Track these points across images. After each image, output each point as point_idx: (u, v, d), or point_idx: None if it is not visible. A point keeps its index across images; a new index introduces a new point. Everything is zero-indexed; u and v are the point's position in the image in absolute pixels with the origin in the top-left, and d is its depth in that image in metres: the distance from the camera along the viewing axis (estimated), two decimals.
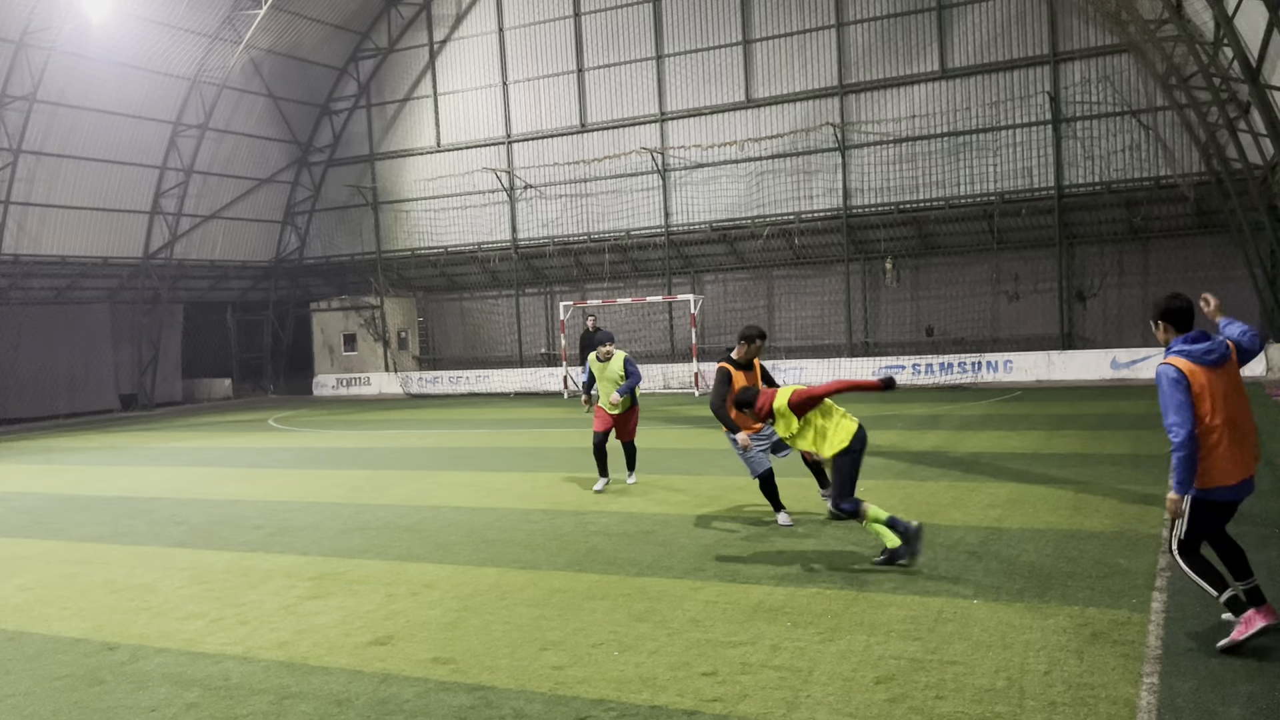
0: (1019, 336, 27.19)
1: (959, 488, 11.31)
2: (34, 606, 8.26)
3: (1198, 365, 5.78)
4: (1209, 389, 5.75)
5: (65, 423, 29.55)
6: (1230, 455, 5.77)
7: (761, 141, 29.14)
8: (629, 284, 32.13)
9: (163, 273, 32.48)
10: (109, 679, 6.38)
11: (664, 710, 5.39)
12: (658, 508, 11.03)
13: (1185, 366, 5.78)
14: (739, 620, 6.84)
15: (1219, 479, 5.80)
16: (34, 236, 28.64)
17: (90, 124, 28.93)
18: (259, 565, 9.31)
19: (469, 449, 17.80)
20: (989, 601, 6.96)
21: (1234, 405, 5.79)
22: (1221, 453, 5.77)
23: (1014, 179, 26.65)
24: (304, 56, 33.66)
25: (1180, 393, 5.73)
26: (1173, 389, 5.74)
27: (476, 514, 11.26)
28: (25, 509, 13.44)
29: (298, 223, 36.64)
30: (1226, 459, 5.77)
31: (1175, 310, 5.92)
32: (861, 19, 27.94)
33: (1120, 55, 25.26)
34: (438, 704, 5.65)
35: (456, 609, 7.48)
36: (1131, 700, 5.18)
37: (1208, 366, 5.78)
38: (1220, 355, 5.82)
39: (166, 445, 21.23)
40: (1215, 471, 5.79)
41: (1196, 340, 5.84)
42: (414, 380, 33.76)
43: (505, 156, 33.02)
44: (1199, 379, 5.76)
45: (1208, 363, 5.78)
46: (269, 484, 14.56)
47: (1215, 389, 5.76)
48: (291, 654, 6.65)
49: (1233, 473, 5.80)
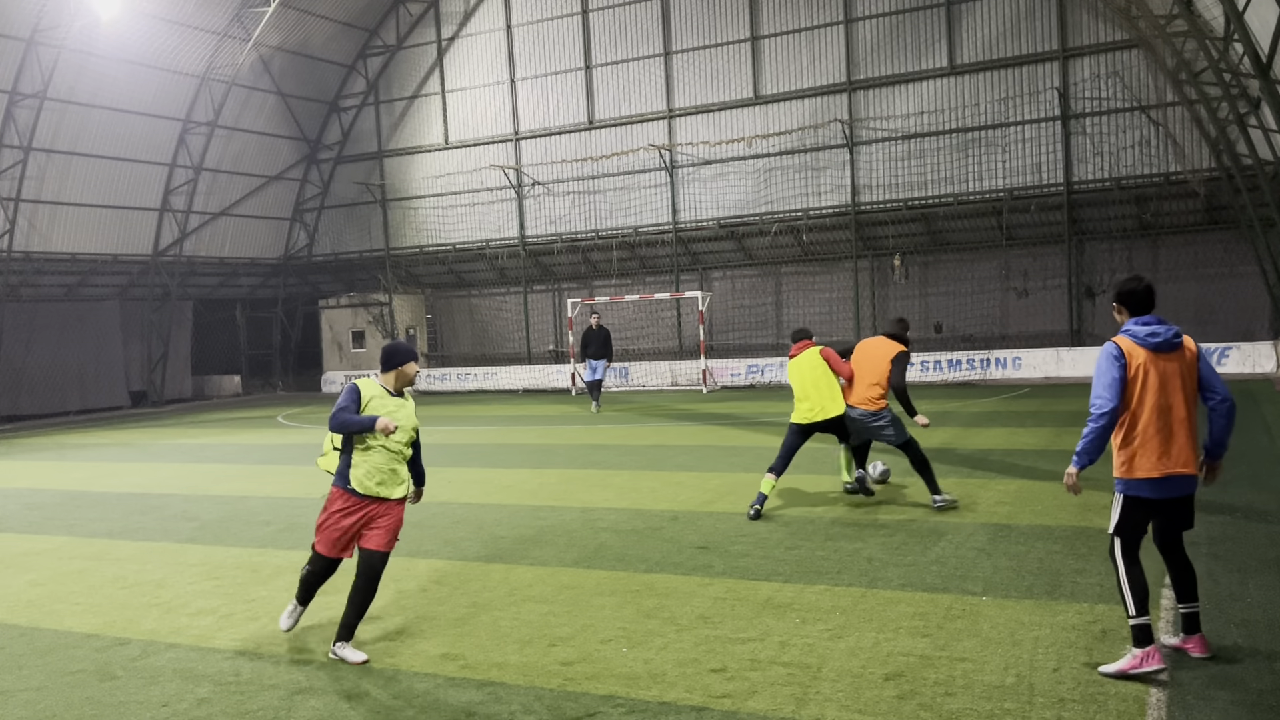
0: (1028, 333, 27.12)
1: (968, 484, 11.30)
2: (46, 602, 8.30)
3: (1140, 347, 5.64)
4: (1145, 373, 5.61)
5: (76, 419, 29.68)
6: (1155, 447, 5.57)
7: (769, 138, 29.10)
8: (637, 281, 32.14)
9: (172, 270, 32.59)
10: (121, 674, 6.41)
11: (673, 706, 5.40)
12: (666, 504, 11.04)
13: (1126, 346, 5.67)
14: (748, 616, 6.84)
15: (1141, 470, 5.60)
16: (44, 234, 28.76)
17: (100, 121, 29.03)
18: (269, 561, 9.34)
19: (477, 445, 17.82)
20: (998, 598, 6.95)
21: (1170, 396, 5.59)
22: (1145, 442, 5.59)
23: (1023, 175, 26.58)
24: (312, 54, 33.72)
25: (1115, 370, 5.62)
26: (1108, 365, 5.64)
27: (485, 510, 11.28)
28: (37, 505, 13.51)
29: (306, 220, 36.72)
30: (1151, 450, 5.57)
31: (1129, 293, 5.78)
32: (870, 15, 27.88)
33: (1130, 51, 25.17)
34: (447, 700, 5.67)
35: (465, 605, 7.50)
36: (1141, 697, 5.17)
37: (1150, 350, 5.63)
38: (1164, 341, 5.63)
39: (176, 442, 21.31)
40: (1138, 461, 5.61)
41: (1146, 323, 5.69)
42: (422, 377, 33.82)
43: (513, 154, 33.04)
44: (1137, 360, 5.63)
45: (1150, 345, 5.63)
46: (278, 480, 14.61)
47: (1152, 374, 5.60)
48: (302, 650, 6.67)
49: (1156, 466, 5.56)
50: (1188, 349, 5.72)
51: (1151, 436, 5.58)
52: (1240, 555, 7.72)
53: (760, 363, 28.21)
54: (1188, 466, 5.62)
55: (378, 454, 6.46)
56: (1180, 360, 5.68)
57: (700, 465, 13.64)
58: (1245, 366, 23.14)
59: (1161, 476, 5.58)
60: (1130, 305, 5.81)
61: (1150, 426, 5.58)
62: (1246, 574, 7.21)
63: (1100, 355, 5.71)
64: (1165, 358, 5.65)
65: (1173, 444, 5.59)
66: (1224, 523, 8.83)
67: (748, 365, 28.39)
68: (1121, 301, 5.84)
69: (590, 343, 22.87)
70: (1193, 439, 5.67)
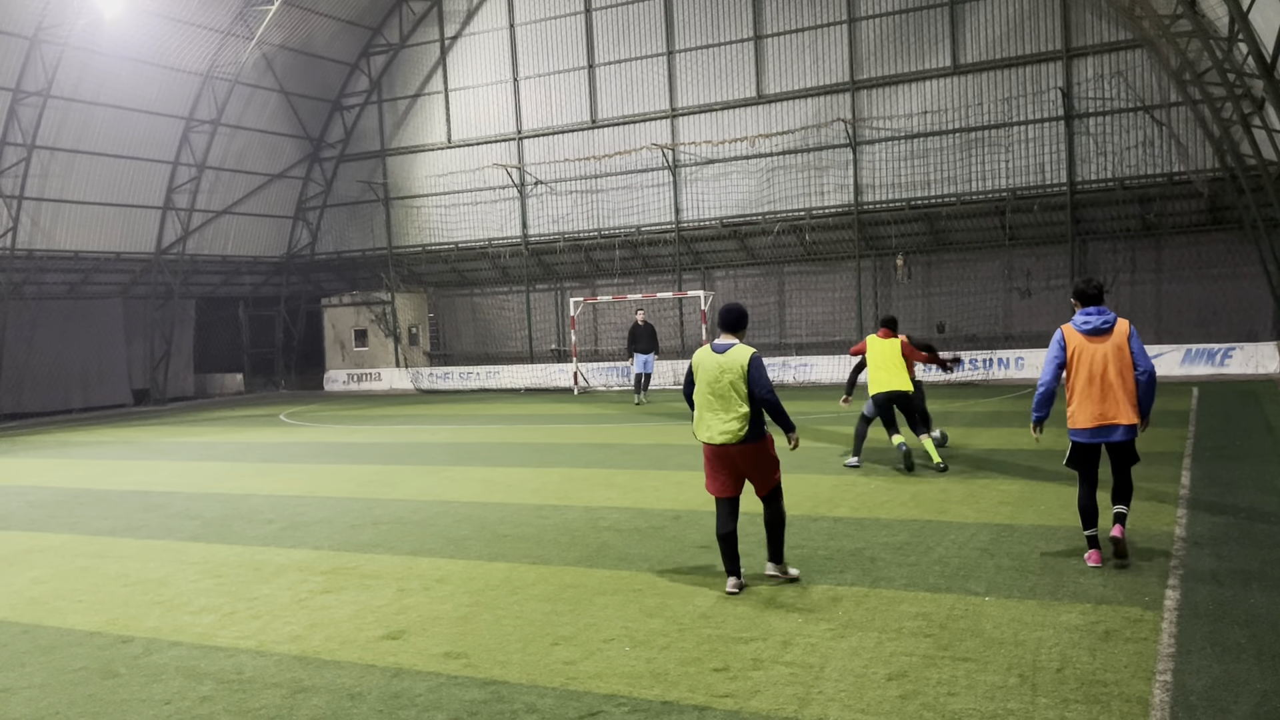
0: (1031, 333, 27.08)
1: (971, 484, 11.29)
2: (49, 600, 8.31)
3: (1077, 332, 7.49)
4: (1080, 352, 7.45)
5: (79, 417, 29.71)
6: (1088, 406, 7.44)
7: (773, 137, 29.08)
8: (639, 280, 32.12)
9: (175, 268, 32.61)
10: (123, 672, 6.42)
11: (675, 706, 5.39)
12: (669, 503, 11.04)
13: (1067, 331, 7.54)
14: (750, 616, 6.84)
15: (1079, 422, 7.51)
16: (48, 232, 28.79)
17: (103, 119, 29.05)
18: (271, 559, 9.35)
19: (480, 444, 17.83)
20: (1001, 598, 6.95)
21: (1100, 368, 7.38)
22: (1081, 402, 7.48)
23: (1026, 175, 26.55)
24: (316, 52, 33.73)
25: (1055, 350, 7.59)
26: (1053, 346, 7.61)
27: (488, 509, 11.28)
28: (39, 503, 13.52)
29: (309, 218, 36.74)
30: (1085, 407, 7.46)
31: (1080, 291, 7.61)
32: (873, 14, 27.85)
33: (1134, 50, 25.13)
34: (450, 698, 5.67)
35: (468, 604, 7.50)
36: (1145, 698, 5.16)
37: (1085, 334, 7.47)
38: (1096, 328, 7.44)
39: (179, 440, 21.33)
40: (1077, 415, 7.52)
41: (1086, 314, 7.49)
42: (425, 376, 33.84)
43: (516, 152, 33.04)
44: (1075, 342, 7.49)
45: (1085, 331, 7.47)
46: (281, 478, 14.61)
47: (1086, 353, 7.43)
48: (304, 648, 6.68)
49: (1090, 418, 7.44)
50: (1119, 332, 7.43)
51: (1086, 398, 7.45)
52: (1244, 556, 7.71)
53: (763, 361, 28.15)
54: (1116, 419, 7.41)
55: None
56: (1110, 341, 7.42)
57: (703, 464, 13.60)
58: (1249, 367, 23.09)
59: (1093, 426, 7.48)
60: (1082, 300, 7.59)
61: (1084, 390, 7.45)
62: (1250, 575, 7.20)
63: (1051, 339, 7.61)
64: (1096, 340, 7.46)
65: (1105, 402, 7.40)
66: (1228, 524, 8.82)
67: None
68: (1076, 297, 7.64)
69: (639, 338, 24.33)
70: (1125, 399, 7.40)
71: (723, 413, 7.36)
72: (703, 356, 7.50)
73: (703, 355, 7.51)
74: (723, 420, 7.35)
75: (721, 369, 7.34)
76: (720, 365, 7.35)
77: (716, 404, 7.37)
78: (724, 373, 7.33)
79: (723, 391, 7.34)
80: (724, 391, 7.33)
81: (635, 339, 24.46)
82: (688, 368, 7.62)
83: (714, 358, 7.41)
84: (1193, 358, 23.69)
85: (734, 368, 7.30)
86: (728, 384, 7.31)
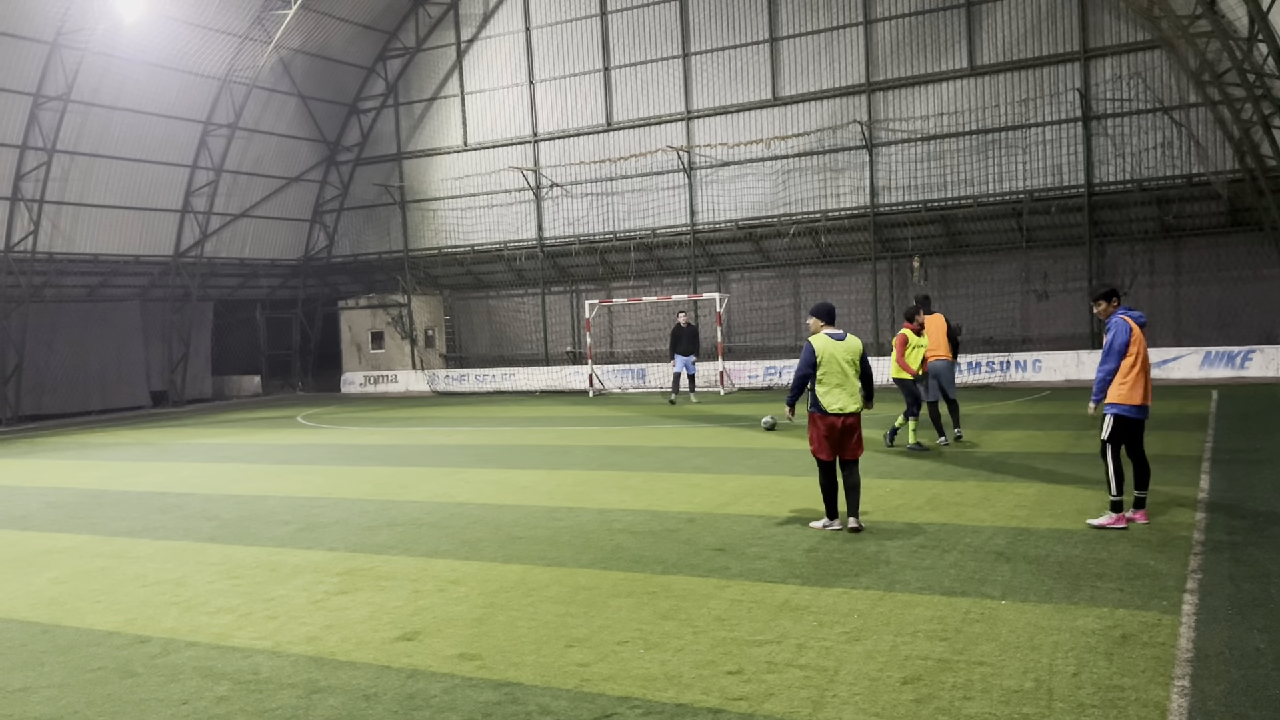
0: (1048, 335, 26.95)
1: (987, 487, 11.24)
2: (67, 600, 8.38)
3: (1136, 324, 8.98)
4: (1138, 340, 8.91)
5: (98, 419, 29.93)
6: (1140, 386, 8.86)
7: (788, 139, 29.04)
8: (654, 282, 32.13)
9: (193, 271, 32.83)
10: (141, 671, 6.46)
11: (689, 708, 5.39)
12: (683, 506, 11.03)
13: (1131, 323, 8.96)
14: (764, 619, 6.83)
15: (1133, 399, 8.85)
16: (67, 235, 29.04)
17: (122, 124, 29.28)
18: (288, 560, 9.39)
19: (494, 446, 17.86)
20: (1017, 602, 6.91)
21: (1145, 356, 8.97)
22: (1137, 382, 8.86)
23: (1043, 177, 26.42)
24: (332, 56, 33.90)
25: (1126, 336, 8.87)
26: (1123, 333, 8.88)
27: (502, 511, 11.30)
28: (59, 504, 13.63)
29: (326, 221, 36.92)
30: (1138, 388, 8.86)
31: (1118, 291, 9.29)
32: (889, 16, 27.79)
33: (1152, 51, 24.98)
34: (464, 700, 5.68)
35: (483, 605, 7.52)
36: (1162, 703, 5.12)
37: (1140, 326, 9.03)
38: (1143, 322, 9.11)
39: (196, 441, 21.45)
40: (1133, 394, 8.85)
41: (1131, 310, 9.11)
42: (440, 378, 33.94)
43: (531, 155, 33.11)
44: (1136, 331, 8.95)
45: (1141, 324, 9.07)
46: (297, 480, 14.68)
47: (1141, 342, 8.94)
48: (320, 648, 6.71)
49: (1142, 398, 8.88)
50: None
51: (1142, 379, 8.91)
52: (1263, 560, 7.65)
53: (778, 364, 28.14)
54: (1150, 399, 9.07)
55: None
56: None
57: (717, 467, 13.62)
58: (1269, 370, 22.90)
59: (1142, 404, 8.94)
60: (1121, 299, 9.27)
61: (1141, 373, 8.90)
62: (1269, 579, 7.14)
63: (1119, 329, 8.91)
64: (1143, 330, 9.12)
65: (1149, 385, 9.00)
66: (1247, 528, 8.75)
67: (765, 367, 28.33)
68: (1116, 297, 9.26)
69: (680, 339, 24.63)
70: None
71: (850, 387, 9.19)
72: (827, 343, 9.21)
73: (826, 342, 9.21)
74: (849, 394, 9.17)
75: (849, 350, 9.21)
76: (848, 348, 9.22)
77: (846, 382, 9.18)
78: (851, 354, 9.20)
79: (849, 371, 9.17)
80: (849, 371, 9.18)
81: (677, 340, 24.73)
82: (809, 351, 9.19)
83: (838, 344, 9.21)
84: (1212, 360, 23.51)
85: (856, 349, 9.26)
86: (849, 364, 9.17)
